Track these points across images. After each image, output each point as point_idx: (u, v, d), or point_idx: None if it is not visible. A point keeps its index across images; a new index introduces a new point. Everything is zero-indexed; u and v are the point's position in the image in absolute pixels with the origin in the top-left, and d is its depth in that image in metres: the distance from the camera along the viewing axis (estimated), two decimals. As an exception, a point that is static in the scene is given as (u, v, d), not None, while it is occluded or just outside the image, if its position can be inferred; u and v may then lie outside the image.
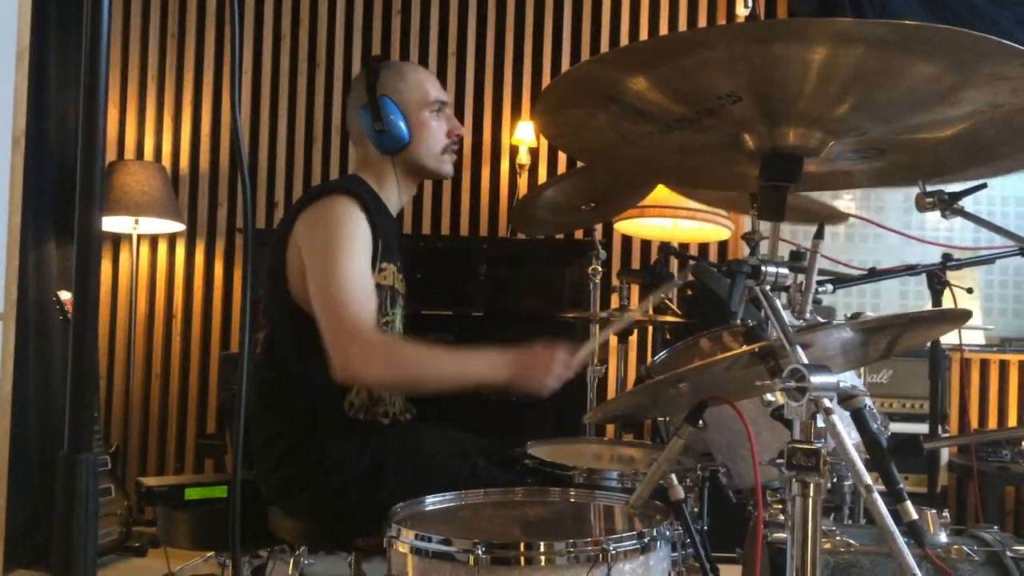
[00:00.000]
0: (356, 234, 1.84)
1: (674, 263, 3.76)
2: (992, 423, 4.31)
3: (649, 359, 4.06)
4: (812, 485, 0.92)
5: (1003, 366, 4.31)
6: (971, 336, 4.19)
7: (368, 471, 1.81)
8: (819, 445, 0.92)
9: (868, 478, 0.86)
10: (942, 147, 1.10)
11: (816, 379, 0.91)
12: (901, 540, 0.84)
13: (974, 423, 4.29)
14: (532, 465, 1.91)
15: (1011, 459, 3.71)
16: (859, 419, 1.11)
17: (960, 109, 0.98)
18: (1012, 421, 4.32)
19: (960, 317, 1.30)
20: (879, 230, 4.44)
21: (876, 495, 0.86)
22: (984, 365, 4.29)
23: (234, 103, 1.12)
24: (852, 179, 1.23)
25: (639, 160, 1.22)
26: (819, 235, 1.78)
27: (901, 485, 1.36)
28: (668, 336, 3.13)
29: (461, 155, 4.37)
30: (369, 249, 1.87)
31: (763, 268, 1.02)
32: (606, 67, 1.00)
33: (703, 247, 4.22)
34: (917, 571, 0.82)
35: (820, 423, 0.92)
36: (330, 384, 1.82)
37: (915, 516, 1.38)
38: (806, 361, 0.95)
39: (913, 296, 4.45)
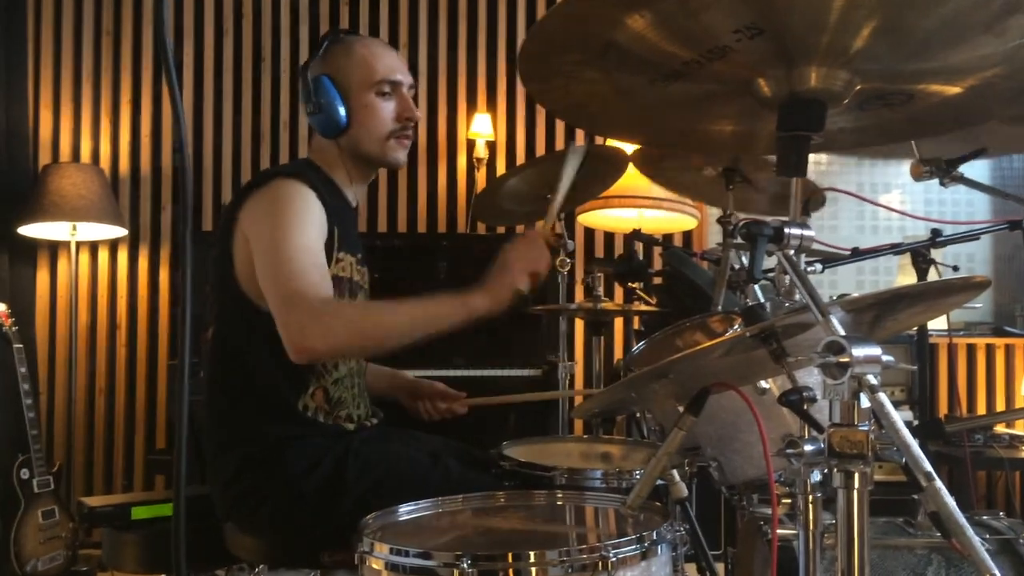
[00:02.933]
0: (306, 212, 1.70)
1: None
2: (963, 408, 4.30)
3: (619, 353, 3.95)
4: (857, 474, 0.79)
5: (970, 350, 4.29)
6: (938, 321, 4.15)
7: (330, 476, 1.66)
8: (864, 428, 0.79)
9: (928, 465, 0.74)
10: (971, 94, 0.98)
11: (859, 351, 0.78)
12: (974, 534, 0.72)
13: (943, 408, 4.28)
14: (509, 467, 1.79)
15: (983, 444, 3.70)
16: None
17: (1004, 42, 0.86)
18: (981, 406, 4.31)
19: (981, 286, 1.18)
20: (833, 220, 4.41)
21: (939, 483, 0.74)
22: (952, 350, 4.26)
23: (174, 96, 0.98)
24: (865, 135, 1.11)
25: (632, 118, 1.09)
26: (806, 211, 1.65)
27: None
28: (640, 327, 3.01)
29: (416, 150, 4.22)
30: (322, 229, 1.73)
31: (786, 230, 0.89)
32: (601, 2, 0.86)
33: (668, 237, 4.11)
34: (995, 570, 0.70)
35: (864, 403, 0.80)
36: (286, 378, 1.70)
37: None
38: (842, 332, 0.82)
39: (869, 285, 4.42)
